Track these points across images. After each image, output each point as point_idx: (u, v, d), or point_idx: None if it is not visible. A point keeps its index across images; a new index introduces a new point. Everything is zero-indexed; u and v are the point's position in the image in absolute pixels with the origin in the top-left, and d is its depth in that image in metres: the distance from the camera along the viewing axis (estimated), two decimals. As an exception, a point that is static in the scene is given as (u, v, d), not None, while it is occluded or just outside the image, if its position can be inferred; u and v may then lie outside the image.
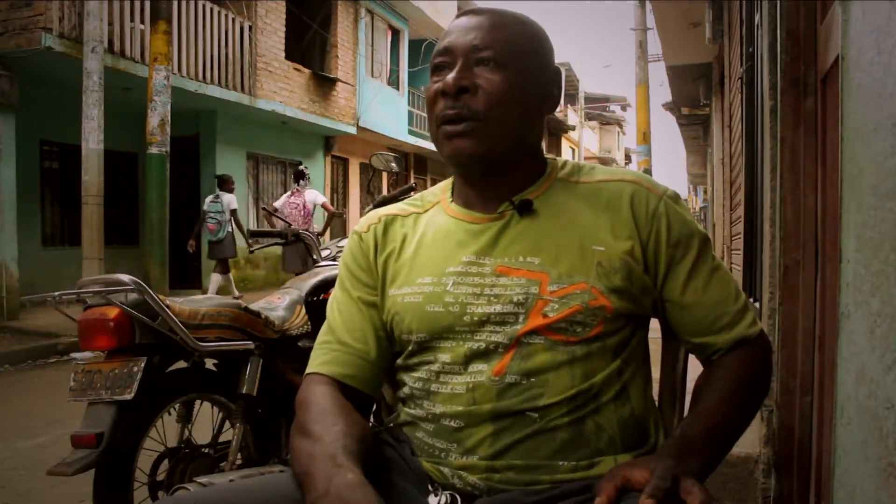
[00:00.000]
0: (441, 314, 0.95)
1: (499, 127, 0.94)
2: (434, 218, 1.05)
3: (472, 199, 1.02)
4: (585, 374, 0.92)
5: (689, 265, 0.97)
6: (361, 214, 5.42)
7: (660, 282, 0.98)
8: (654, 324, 1.06)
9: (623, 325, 0.96)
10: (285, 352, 2.25)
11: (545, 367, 0.91)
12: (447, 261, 0.98)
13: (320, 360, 1.03)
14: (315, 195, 8.02)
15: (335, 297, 1.08)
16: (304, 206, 7.82)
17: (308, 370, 1.03)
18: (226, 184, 8.78)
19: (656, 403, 1.06)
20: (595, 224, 0.96)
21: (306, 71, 12.04)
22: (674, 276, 0.97)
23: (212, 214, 8.54)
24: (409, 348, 1.00)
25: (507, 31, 0.97)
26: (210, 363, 2.19)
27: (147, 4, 7.71)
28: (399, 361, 1.03)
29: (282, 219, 6.38)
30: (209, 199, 8.75)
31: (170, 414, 2.09)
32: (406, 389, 1.02)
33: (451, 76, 0.94)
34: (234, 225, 8.64)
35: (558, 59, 1.08)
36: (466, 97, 0.94)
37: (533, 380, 0.91)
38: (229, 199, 8.59)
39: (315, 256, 2.79)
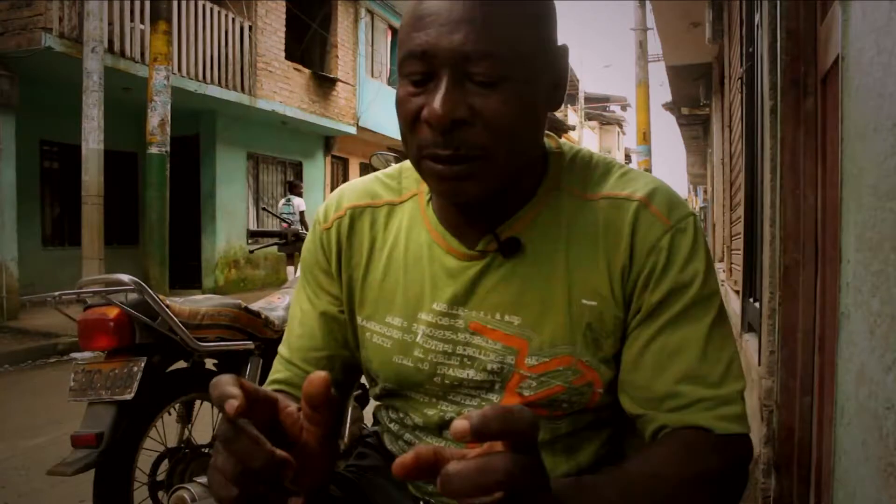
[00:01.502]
0: (410, 370, 0.83)
1: (506, 160, 0.72)
2: (409, 226, 0.86)
3: (451, 217, 0.83)
4: (569, 451, 0.81)
5: (664, 320, 0.76)
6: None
7: (629, 329, 0.78)
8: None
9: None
10: (285, 352, 2.25)
11: None
12: (419, 303, 0.83)
13: (274, 377, 0.90)
14: None
15: (298, 297, 0.93)
16: None
17: (266, 386, 0.90)
18: (296, 188, 9.96)
19: None
20: (590, 265, 0.78)
21: (306, 71, 12.03)
22: (644, 327, 0.77)
23: (285, 215, 9.45)
24: (378, 389, 0.89)
25: (507, 23, 0.70)
26: (210, 363, 2.19)
27: (147, 4, 7.71)
28: (372, 390, 0.93)
29: (282, 219, 6.40)
30: (282, 202, 9.95)
31: (170, 414, 2.09)
32: (382, 414, 0.94)
33: (437, 102, 0.68)
34: (301, 225, 9.42)
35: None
36: (460, 129, 0.70)
37: None
38: (299, 202, 9.64)
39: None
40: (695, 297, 0.75)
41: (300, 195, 9.93)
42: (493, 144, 0.71)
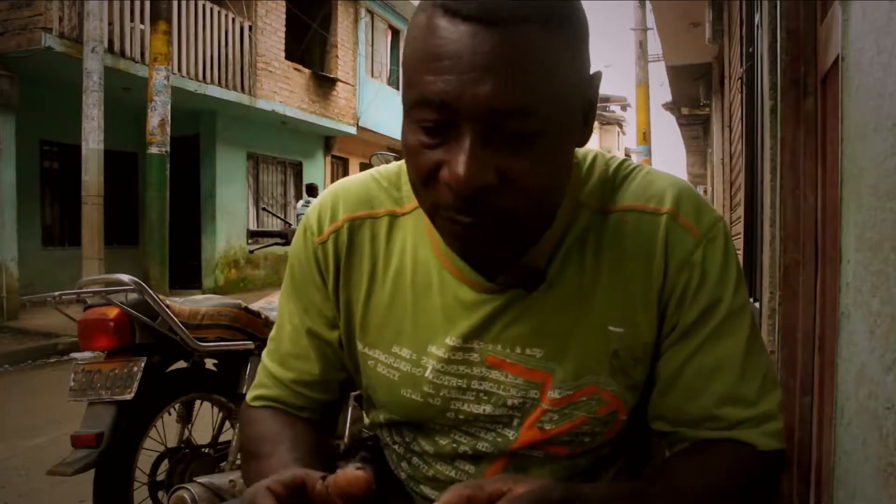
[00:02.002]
0: (419, 404, 0.77)
1: (536, 220, 0.67)
2: (415, 245, 0.78)
3: None
4: (587, 482, 0.78)
5: (701, 339, 0.72)
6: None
7: (662, 348, 0.74)
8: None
9: (641, 413, 0.77)
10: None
11: None
12: (430, 335, 0.76)
13: (262, 392, 0.84)
14: None
15: (286, 307, 0.84)
16: None
17: (250, 398, 0.85)
18: (314, 191, 10.10)
19: None
20: (618, 290, 0.72)
21: (306, 71, 12.04)
22: (679, 347, 0.73)
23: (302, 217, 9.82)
24: (383, 417, 0.84)
25: (542, 68, 0.59)
26: (210, 363, 2.19)
27: (147, 4, 7.71)
28: (372, 414, 0.88)
29: (282, 219, 6.42)
30: (300, 203, 10.16)
31: (170, 414, 2.09)
32: (384, 433, 0.87)
33: (460, 167, 0.59)
34: None
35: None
36: (488, 194, 0.61)
37: None
38: None
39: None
40: (728, 311, 0.72)
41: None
42: (523, 207, 0.63)
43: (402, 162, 0.78)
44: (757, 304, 2.53)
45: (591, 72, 0.68)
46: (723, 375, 0.71)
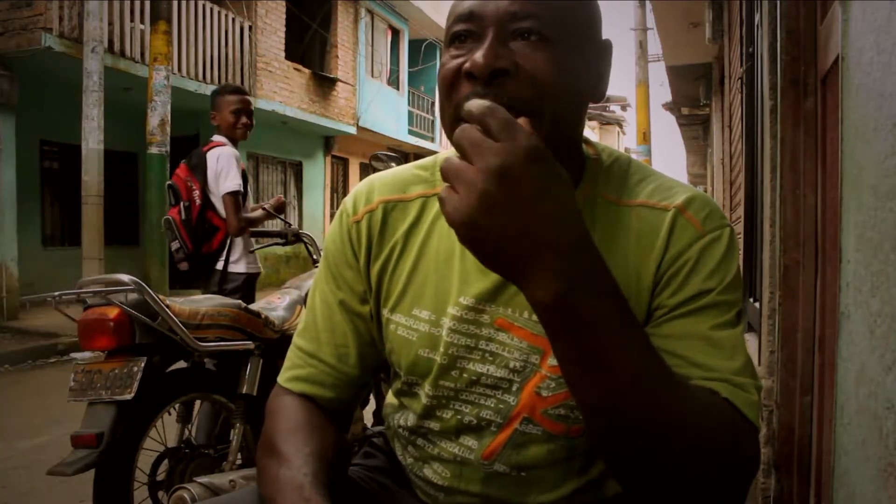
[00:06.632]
0: (432, 362, 0.82)
1: (552, 121, 0.71)
2: (442, 218, 0.82)
3: None
4: (583, 470, 0.81)
5: (676, 315, 0.74)
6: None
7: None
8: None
9: None
10: (285, 352, 2.24)
11: (539, 463, 0.80)
12: (448, 296, 0.81)
13: (295, 373, 0.88)
14: None
15: (318, 288, 0.90)
16: None
17: (282, 380, 0.90)
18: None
19: None
20: (619, 270, 0.70)
21: (306, 71, 12.03)
22: (650, 326, 0.74)
23: None
24: (400, 383, 0.88)
25: None
26: (210, 363, 2.19)
27: (147, 4, 7.71)
28: (393, 384, 0.92)
29: (282, 219, 6.41)
30: None
31: (170, 414, 2.09)
32: (393, 420, 0.92)
33: (480, 53, 0.69)
34: None
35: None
36: (502, 81, 0.69)
37: (524, 474, 0.81)
38: None
39: (315, 257, 2.80)
40: (712, 301, 0.73)
41: None
42: (539, 101, 0.70)
43: (438, 154, 0.90)
44: (757, 304, 2.53)
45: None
46: (692, 343, 0.71)
